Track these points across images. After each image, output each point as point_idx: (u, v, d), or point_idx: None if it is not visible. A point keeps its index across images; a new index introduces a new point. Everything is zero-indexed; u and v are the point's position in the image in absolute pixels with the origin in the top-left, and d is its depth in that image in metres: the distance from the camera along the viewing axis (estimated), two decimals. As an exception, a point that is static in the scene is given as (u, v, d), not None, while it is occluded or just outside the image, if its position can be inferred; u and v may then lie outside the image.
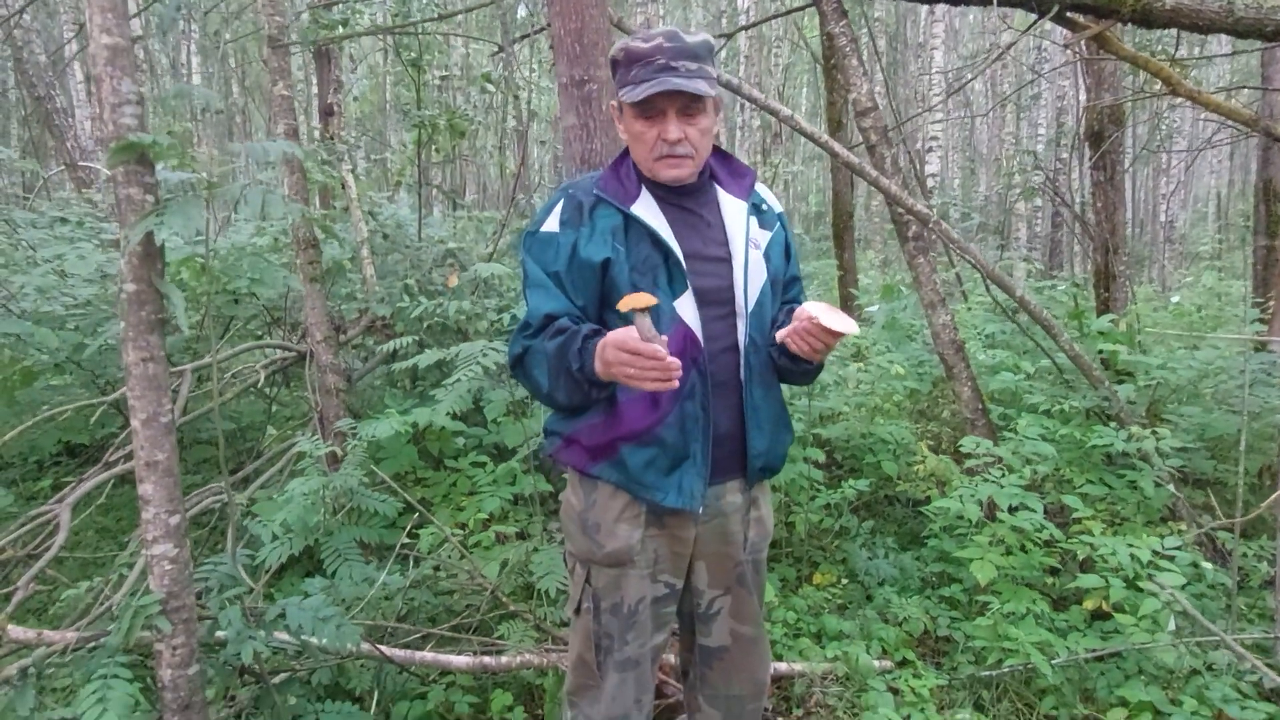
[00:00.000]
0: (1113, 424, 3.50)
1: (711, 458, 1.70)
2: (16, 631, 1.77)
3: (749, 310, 1.71)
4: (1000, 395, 4.30)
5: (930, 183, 10.58)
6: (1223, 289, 8.58)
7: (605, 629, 1.74)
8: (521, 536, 3.22)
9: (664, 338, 1.46)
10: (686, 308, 1.64)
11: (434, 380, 4.08)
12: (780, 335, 1.63)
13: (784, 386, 1.86)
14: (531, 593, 2.87)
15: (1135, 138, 12.84)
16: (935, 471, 3.71)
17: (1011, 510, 2.92)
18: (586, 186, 1.69)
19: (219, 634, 1.90)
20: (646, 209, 1.66)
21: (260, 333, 4.47)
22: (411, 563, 2.80)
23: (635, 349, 1.42)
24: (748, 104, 10.33)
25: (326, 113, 4.40)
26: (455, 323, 3.63)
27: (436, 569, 2.85)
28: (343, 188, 4.52)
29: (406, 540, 2.78)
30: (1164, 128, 12.86)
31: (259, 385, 3.44)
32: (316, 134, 4.80)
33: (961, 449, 3.35)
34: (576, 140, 2.43)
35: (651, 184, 1.69)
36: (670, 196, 1.70)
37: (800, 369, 1.73)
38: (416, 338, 2.96)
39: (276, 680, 2.03)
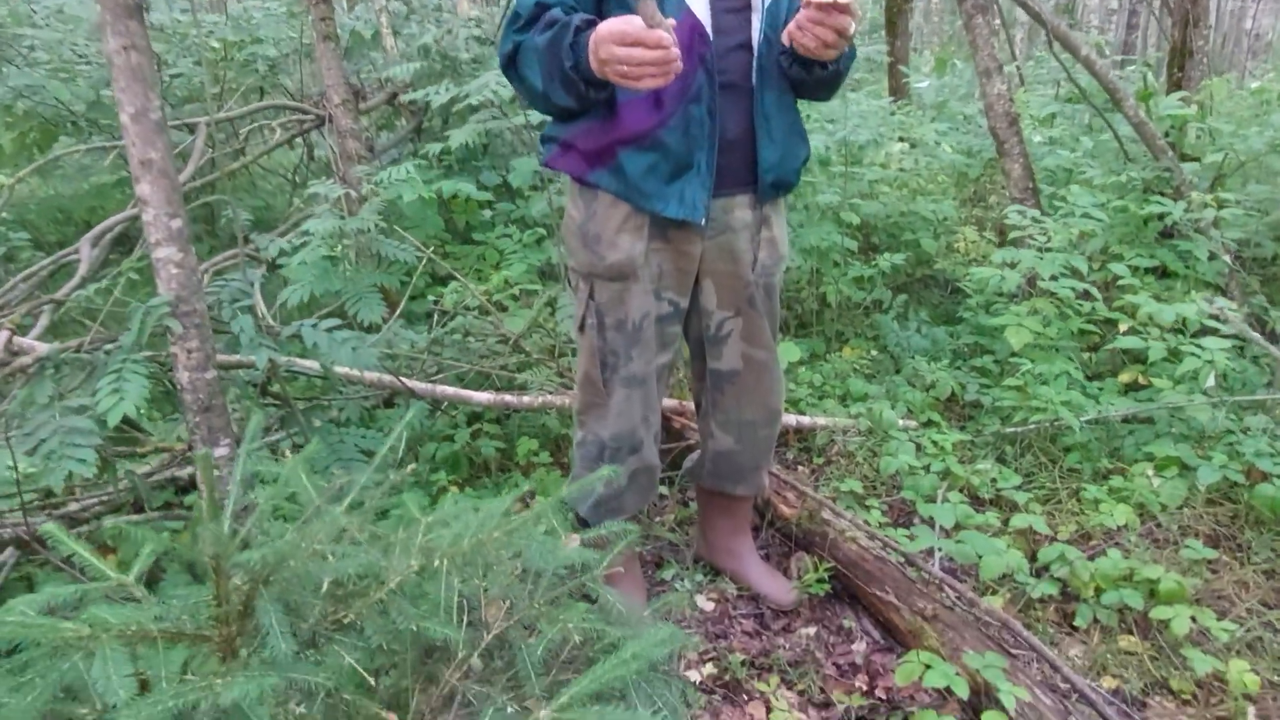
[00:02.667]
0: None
1: (717, 167, 1.57)
2: (26, 341, 1.78)
3: (765, 4, 1.54)
4: (1052, 174, 4.06)
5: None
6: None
7: (610, 345, 1.69)
8: (547, 304, 3.20)
9: (670, 21, 1.28)
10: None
11: (461, 156, 3.95)
12: (785, 34, 1.45)
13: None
14: (554, 350, 2.87)
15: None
16: (974, 248, 3.57)
17: (1054, 279, 2.80)
18: None
19: (240, 356, 1.91)
20: None
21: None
22: (435, 319, 2.79)
23: (636, 36, 1.25)
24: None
25: None
26: (445, 56, 3.39)
27: (459, 331, 2.84)
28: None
29: (434, 303, 2.77)
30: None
31: (281, 146, 3.33)
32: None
33: (1005, 221, 3.19)
34: None
35: None
36: None
37: (814, 77, 1.56)
38: (420, 64, 2.77)
39: (302, 407, 2.06)
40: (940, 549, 2.03)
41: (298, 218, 3.35)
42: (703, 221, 1.60)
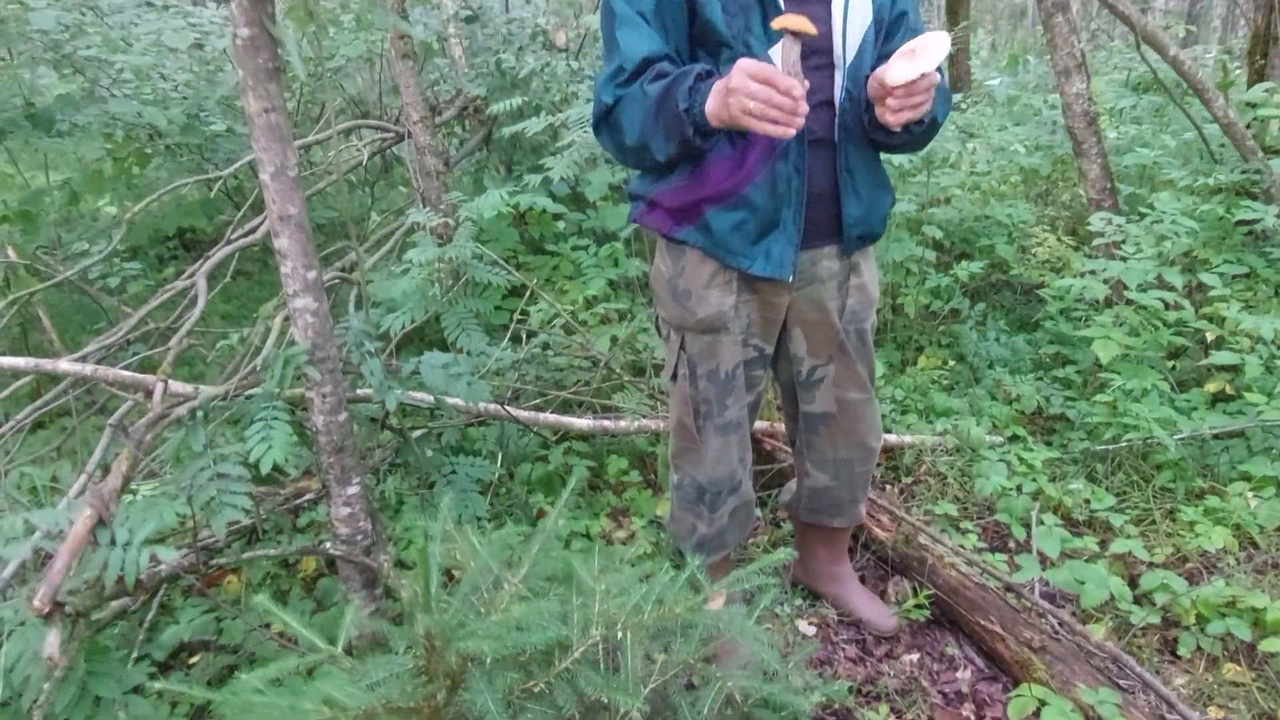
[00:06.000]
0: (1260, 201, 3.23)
1: (805, 221, 1.59)
2: (176, 385, 1.88)
3: (847, 61, 1.53)
4: (1130, 175, 4.00)
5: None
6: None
7: (703, 394, 1.73)
8: (624, 317, 3.25)
9: (806, 81, 1.30)
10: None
11: (529, 165, 4.01)
12: (885, 121, 1.43)
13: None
14: (640, 368, 2.92)
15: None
16: (1053, 255, 3.53)
17: (1141, 289, 2.78)
18: None
19: (359, 390, 1.99)
20: None
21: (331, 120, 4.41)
22: (524, 338, 2.86)
23: (770, 78, 1.25)
24: None
25: None
26: (542, 95, 3.47)
27: (546, 347, 2.91)
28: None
29: (517, 320, 2.83)
30: None
31: (363, 165, 3.42)
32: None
33: (1088, 228, 3.15)
34: None
35: None
36: None
37: (900, 138, 1.56)
38: (522, 99, 2.83)
39: (415, 435, 2.14)
40: (1044, 578, 2.05)
41: (381, 234, 3.44)
42: (790, 279, 1.62)
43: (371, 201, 4.23)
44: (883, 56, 1.57)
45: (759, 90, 1.26)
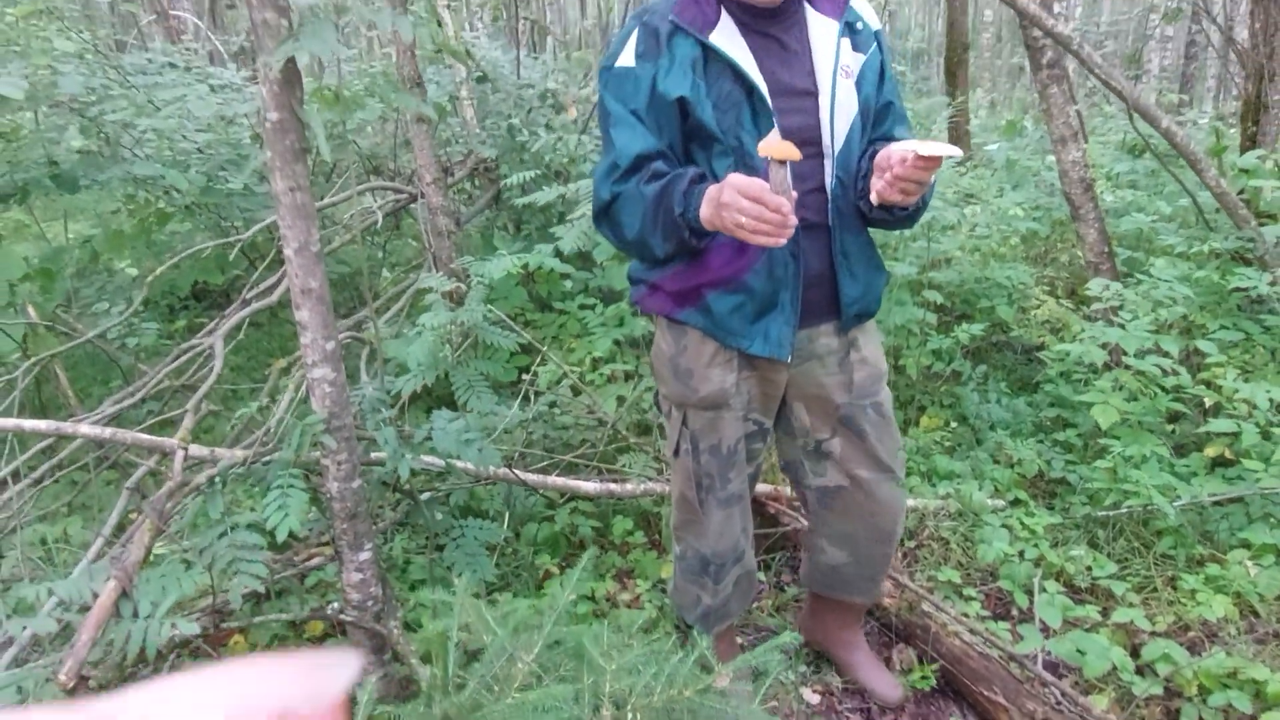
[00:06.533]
0: (1254, 267, 3.29)
1: (802, 302, 1.64)
2: (194, 449, 1.92)
3: (836, 150, 1.59)
4: (1128, 238, 4.07)
5: (1056, 7, 9.63)
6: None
7: (705, 469, 1.76)
8: (629, 377, 3.30)
9: (794, 194, 1.37)
10: None
11: (539, 224, 4.10)
12: (876, 190, 1.48)
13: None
14: (647, 428, 2.96)
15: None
16: (1053, 316, 3.59)
17: (1139, 355, 2.82)
18: (663, 11, 1.54)
19: (374, 454, 2.03)
20: (726, 37, 1.51)
21: (353, 181, 4.53)
22: (531, 397, 2.90)
23: (760, 197, 1.32)
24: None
25: (420, -57, 4.23)
26: (554, 163, 3.59)
27: (553, 405, 2.96)
28: (439, 25, 4.41)
29: (523, 379, 2.89)
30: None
31: (377, 226, 3.51)
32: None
33: (1086, 292, 3.21)
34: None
35: (732, 6, 1.53)
36: (753, 21, 1.54)
37: (895, 216, 1.61)
38: (535, 172, 2.92)
39: (424, 499, 2.18)
40: (1046, 648, 2.07)
41: (393, 292, 3.50)
42: (788, 359, 1.67)
43: (383, 255, 4.31)
44: (872, 142, 1.66)
45: (749, 208, 1.33)
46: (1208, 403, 2.90)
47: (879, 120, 1.68)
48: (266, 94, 1.65)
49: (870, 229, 1.74)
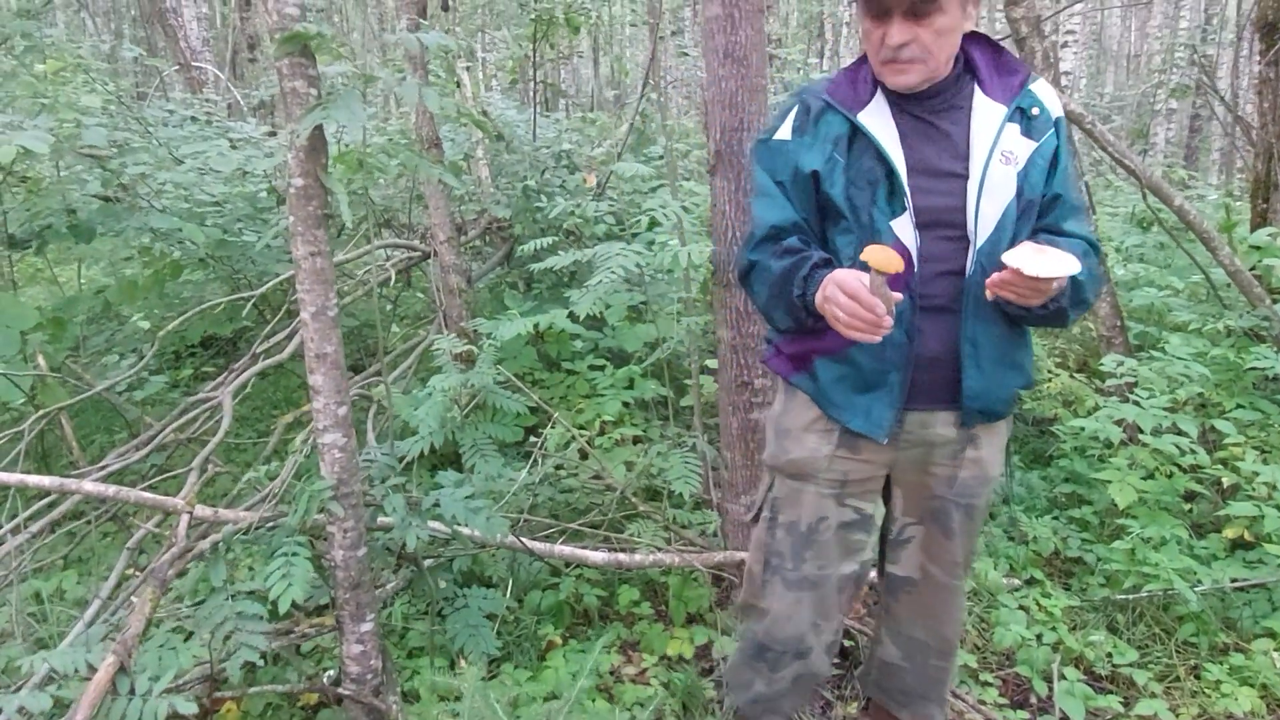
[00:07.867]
0: (1269, 345, 3.27)
1: (914, 383, 1.58)
2: (198, 509, 1.88)
3: (980, 236, 1.52)
4: (1139, 312, 4.07)
5: (1063, 81, 9.81)
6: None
7: (777, 545, 1.71)
8: (638, 440, 3.26)
9: (897, 296, 1.39)
10: (903, 228, 1.51)
11: (550, 283, 4.11)
12: (988, 284, 1.46)
13: None
14: (655, 494, 2.91)
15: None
16: (1065, 390, 3.56)
17: (1155, 433, 2.79)
18: (818, 90, 1.59)
19: (380, 519, 1.99)
20: (876, 117, 1.53)
21: (369, 235, 4.56)
22: (539, 460, 2.86)
23: (856, 294, 1.35)
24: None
25: (443, 8, 4.33)
26: (564, 225, 3.60)
27: (559, 468, 2.92)
28: (458, 86, 4.48)
29: (532, 440, 2.85)
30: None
31: (390, 282, 3.52)
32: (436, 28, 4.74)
33: (1100, 367, 3.19)
34: (720, 32, 2.31)
35: (888, 88, 1.54)
36: (907, 103, 1.54)
37: (1034, 314, 1.54)
38: (552, 239, 2.95)
39: (428, 564, 2.13)
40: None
41: (402, 349, 3.49)
42: (884, 440, 1.61)
43: (392, 309, 4.31)
44: (1035, 233, 1.58)
45: (846, 304, 1.37)
46: (1225, 483, 2.85)
47: (1046, 211, 1.61)
48: (292, 160, 1.66)
49: (1030, 326, 1.65)
